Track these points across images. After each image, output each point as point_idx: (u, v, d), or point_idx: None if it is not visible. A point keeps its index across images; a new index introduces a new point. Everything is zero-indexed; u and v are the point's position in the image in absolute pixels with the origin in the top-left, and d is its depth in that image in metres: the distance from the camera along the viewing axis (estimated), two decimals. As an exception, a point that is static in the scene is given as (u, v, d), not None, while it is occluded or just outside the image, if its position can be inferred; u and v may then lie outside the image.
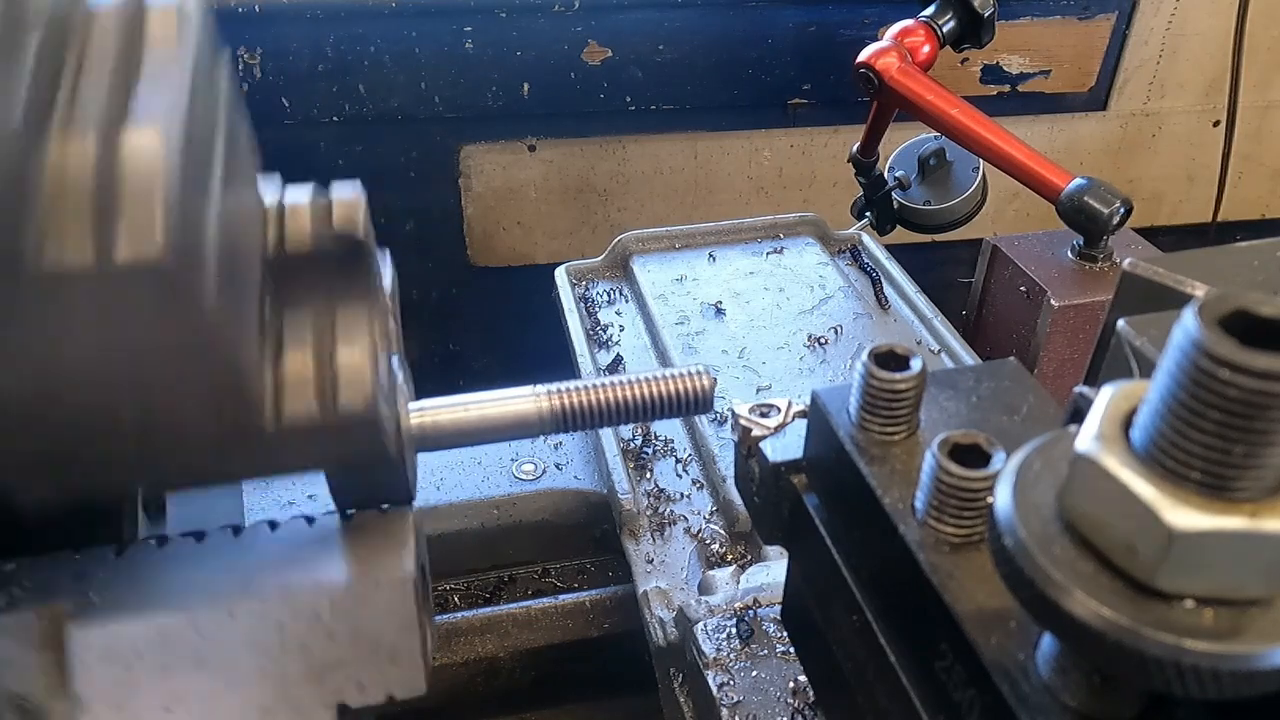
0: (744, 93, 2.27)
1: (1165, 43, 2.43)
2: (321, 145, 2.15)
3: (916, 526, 0.41)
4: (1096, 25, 2.36)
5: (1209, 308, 0.28)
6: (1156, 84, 2.49)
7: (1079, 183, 1.58)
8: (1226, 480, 0.29)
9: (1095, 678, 0.34)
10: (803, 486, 0.51)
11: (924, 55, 1.75)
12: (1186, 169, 2.63)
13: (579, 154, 2.29)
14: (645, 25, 2.15)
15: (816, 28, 2.22)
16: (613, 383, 0.54)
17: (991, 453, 0.40)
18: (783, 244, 1.54)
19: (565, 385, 0.54)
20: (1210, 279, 0.56)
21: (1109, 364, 0.54)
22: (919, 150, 1.95)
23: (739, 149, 2.36)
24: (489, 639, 1.07)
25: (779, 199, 2.43)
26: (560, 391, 0.53)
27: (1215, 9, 2.36)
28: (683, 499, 1.07)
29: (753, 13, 2.19)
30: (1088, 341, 1.57)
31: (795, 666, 0.80)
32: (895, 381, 0.45)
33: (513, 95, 2.17)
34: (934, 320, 1.37)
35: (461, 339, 2.50)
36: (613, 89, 2.21)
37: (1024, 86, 2.40)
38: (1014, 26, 2.30)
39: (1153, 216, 2.67)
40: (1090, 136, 2.54)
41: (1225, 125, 2.36)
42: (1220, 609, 0.30)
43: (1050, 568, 0.31)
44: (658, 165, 2.34)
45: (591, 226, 2.39)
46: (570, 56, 2.15)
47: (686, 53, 2.19)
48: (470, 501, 1.12)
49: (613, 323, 1.37)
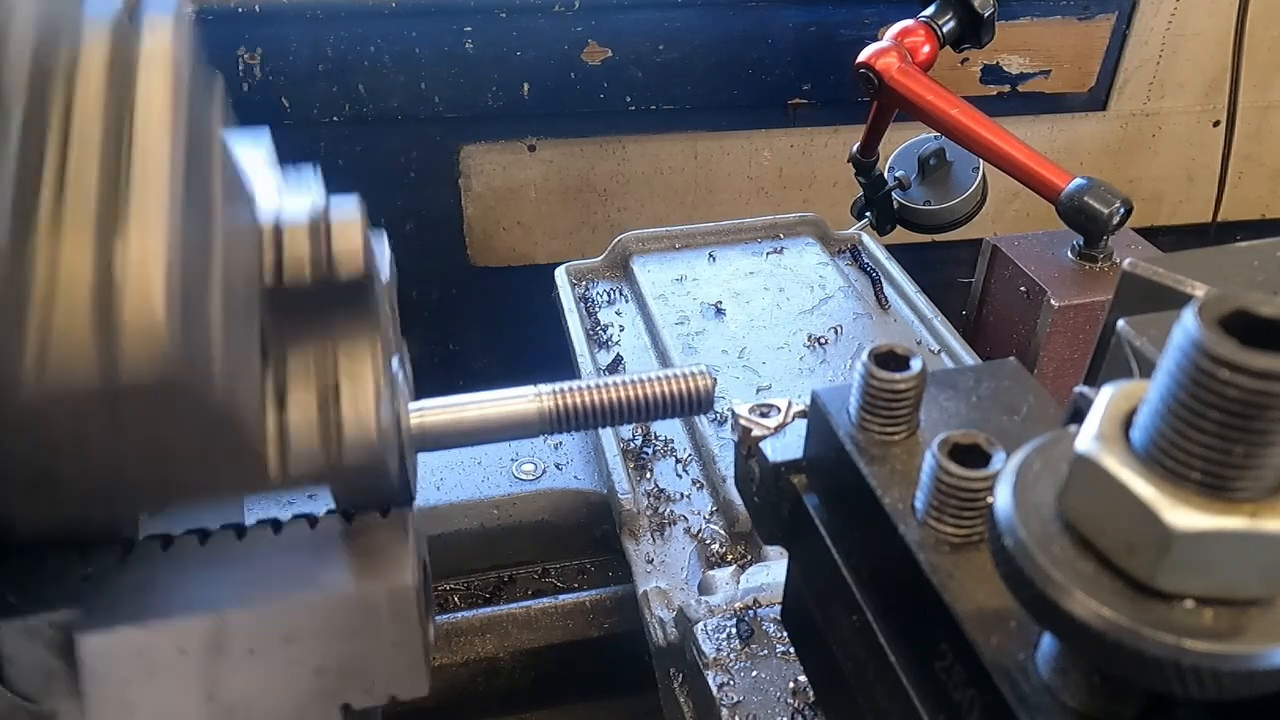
0: (744, 93, 2.27)
1: (1165, 43, 2.43)
2: (321, 145, 2.15)
3: (916, 526, 0.41)
4: (1096, 25, 2.36)
5: (1209, 308, 0.28)
6: (1156, 84, 2.49)
7: (1079, 183, 1.58)
8: (1226, 480, 0.29)
9: (1095, 678, 0.34)
10: (803, 486, 0.51)
11: (924, 55, 1.75)
12: (1186, 169, 2.63)
13: (579, 154, 2.29)
14: (645, 25, 2.15)
15: (816, 28, 2.22)
16: (612, 383, 0.54)
17: (991, 453, 0.40)
18: (783, 244, 1.54)
19: (565, 385, 0.54)
20: (1210, 279, 0.56)
21: (1109, 364, 0.54)
22: (919, 150, 1.96)
23: (739, 149, 2.36)
24: (489, 639, 1.07)
25: (779, 199, 2.43)
26: (560, 392, 0.53)
27: (1215, 9, 2.37)
28: (683, 499, 1.07)
29: (753, 13, 2.19)
30: (1088, 341, 1.57)
31: (795, 666, 0.80)
32: (895, 381, 0.45)
33: (513, 95, 2.17)
34: (934, 320, 1.37)
35: (461, 339, 2.50)
36: (613, 89, 2.21)
37: (1024, 87, 2.40)
38: (1014, 26, 2.30)
39: (1153, 216, 2.67)
40: (1090, 136, 2.54)
41: (1225, 125, 2.36)
42: (1220, 609, 0.30)
43: (1050, 568, 0.31)
44: (658, 165, 2.34)
45: (591, 226, 2.39)
46: (570, 56, 2.15)
47: (686, 53, 2.19)
48: (470, 501, 1.12)
49: (613, 323, 1.37)
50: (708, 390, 0.55)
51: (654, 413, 0.54)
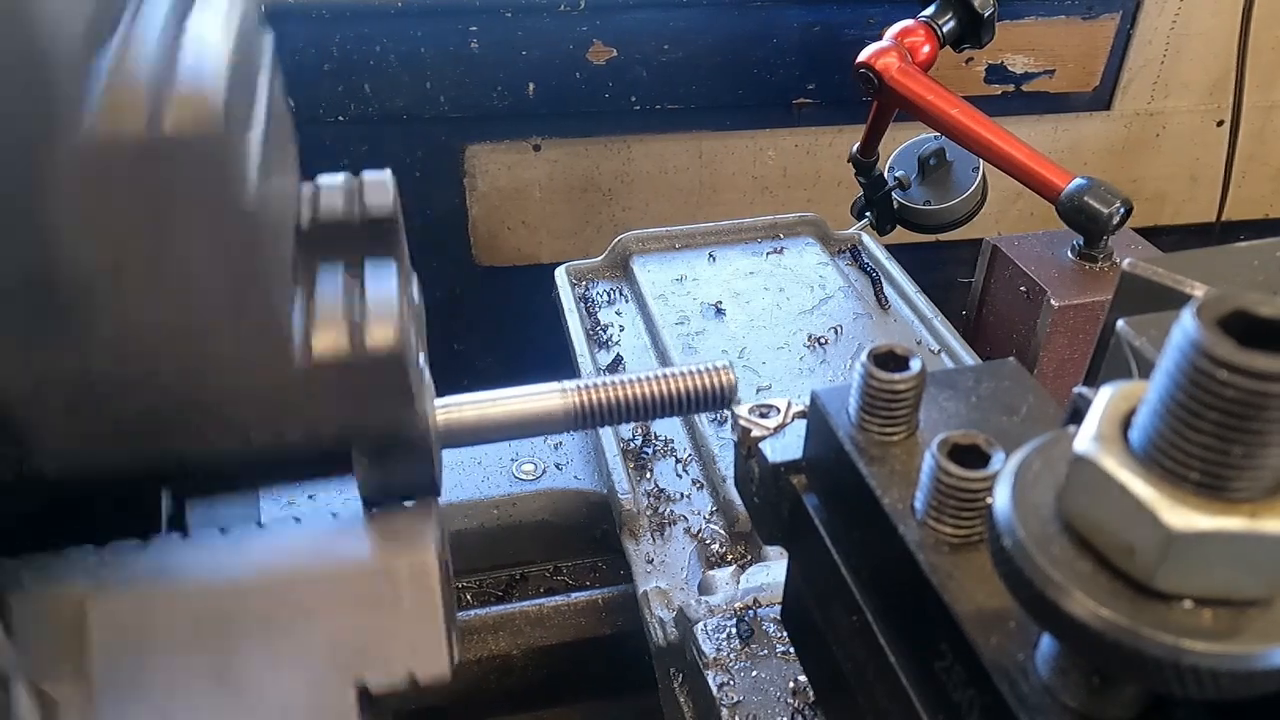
0: (749, 92, 2.27)
1: (1169, 42, 2.43)
2: (327, 144, 2.15)
3: (916, 527, 0.41)
4: (1101, 25, 2.36)
5: (1208, 308, 0.28)
6: (1160, 84, 2.48)
7: (1079, 183, 1.58)
8: (1225, 481, 0.29)
9: (1094, 678, 0.34)
10: (802, 487, 0.51)
11: (924, 55, 1.75)
12: (1190, 169, 2.63)
13: (584, 154, 2.29)
14: (650, 25, 2.15)
15: (821, 27, 2.22)
16: (637, 379, 0.55)
17: (991, 453, 0.40)
18: (783, 244, 1.54)
19: (591, 381, 0.54)
20: (1209, 279, 0.56)
21: (1108, 364, 0.54)
22: (919, 150, 1.95)
23: (743, 149, 2.36)
24: (501, 636, 1.07)
25: (783, 199, 2.43)
26: (586, 388, 0.54)
27: (1219, 9, 2.36)
28: (683, 499, 1.07)
29: (757, 12, 2.19)
30: (1088, 341, 1.57)
31: (795, 666, 0.80)
32: (895, 382, 0.45)
33: (518, 95, 2.17)
34: (934, 320, 1.37)
35: (465, 338, 2.50)
36: (618, 89, 2.21)
37: (1028, 86, 2.40)
38: (1018, 26, 2.30)
39: (1156, 216, 2.67)
40: (1094, 136, 2.53)
41: (1230, 125, 2.36)
42: (1219, 609, 0.30)
43: (1049, 568, 0.31)
44: (662, 165, 2.34)
45: (596, 226, 2.39)
46: (575, 56, 2.15)
47: (691, 52, 2.19)
48: (470, 501, 1.12)
49: (613, 323, 1.37)
50: (730, 385, 0.56)
51: (677, 408, 0.55)
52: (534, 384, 0.55)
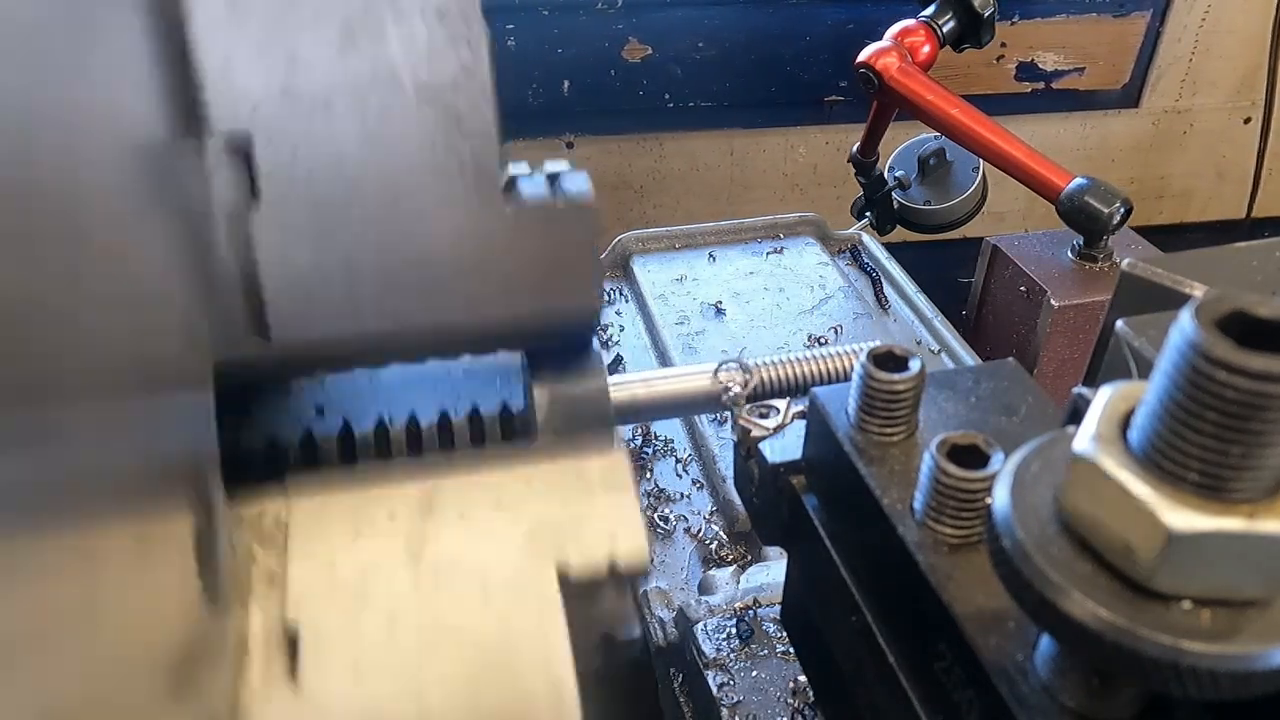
0: (781, 90, 2.28)
1: (1199, 40, 2.43)
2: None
3: (915, 527, 0.41)
4: (1131, 22, 2.36)
5: (1206, 309, 0.28)
6: (1189, 81, 2.49)
7: (1079, 183, 1.58)
8: (1224, 481, 0.29)
9: (1094, 679, 0.34)
10: (802, 487, 0.51)
11: (924, 55, 1.76)
12: (1217, 166, 2.63)
13: (616, 151, 2.30)
14: (685, 22, 2.16)
15: (854, 25, 2.22)
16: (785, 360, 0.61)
17: (990, 453, 0.40)
18: (783, 244, 1.54)
19: (754, 361, 0.60)
20: (1209, 279, 0.56)
21: (1108, 364, 0.54)
22: (919, 150, 1.96)
23: (775, 146, 2.37)
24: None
25: (814, 196, 2.43)
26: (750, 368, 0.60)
27: (1249, 6, 2.37)
28: (683, 499, 1.07)
29: (791, 10, 2.20)
30: (1088, 341, 1.57)
31: (795, 666, 0.80)
32: (894, 382, 0.45)
33: (553, 92, 2.18)
34: (934, 320, 1.37)
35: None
36: (652, 86, 2.22)
37: (1058, 84, 2.40)
38: (1049, 23, 2.30)
39: (1183, 213, 2.66)
40: (1122, 133, 2.53)
41: (1261, 122, 2.36)
42: (1218, 610, 0.30)
43: (1048, 569, 0.31)
44: (694, 162, 2.35)
45: (627, 224, 2.39)
46: (611, 54, 2.16)
47: (725, 50, 2.20)
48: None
49: (613, 323, 1.37)
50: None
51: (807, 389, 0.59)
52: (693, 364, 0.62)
